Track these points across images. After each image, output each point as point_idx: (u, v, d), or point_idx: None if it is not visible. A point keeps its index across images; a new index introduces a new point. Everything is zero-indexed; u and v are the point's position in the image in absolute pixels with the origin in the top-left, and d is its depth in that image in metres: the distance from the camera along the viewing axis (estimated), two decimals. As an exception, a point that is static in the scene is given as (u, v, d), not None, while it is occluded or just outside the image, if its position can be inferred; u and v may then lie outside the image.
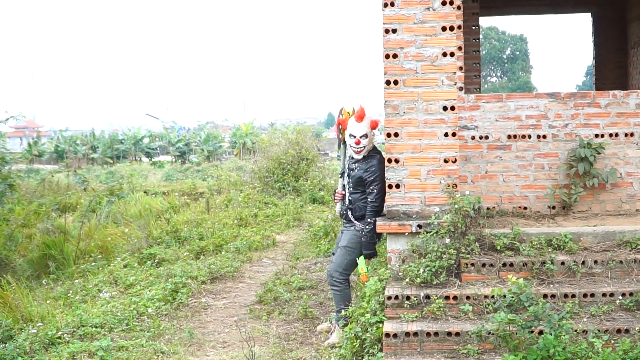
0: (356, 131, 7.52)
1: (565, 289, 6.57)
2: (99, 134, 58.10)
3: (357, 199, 7.60)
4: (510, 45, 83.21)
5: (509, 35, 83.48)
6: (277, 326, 8.19)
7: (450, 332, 6.18)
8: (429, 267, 6.68)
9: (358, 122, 7.57)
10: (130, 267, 11.22)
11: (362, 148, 7.54)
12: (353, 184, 7.62)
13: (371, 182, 7.46)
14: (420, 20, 7.10)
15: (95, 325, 7.98)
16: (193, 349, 7.53)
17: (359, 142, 7.50)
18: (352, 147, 7.53)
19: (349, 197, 7.67)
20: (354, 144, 7.50)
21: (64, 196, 15.77)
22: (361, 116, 7.60)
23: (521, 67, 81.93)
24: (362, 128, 7.54)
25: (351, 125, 7.58)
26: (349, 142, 7.58)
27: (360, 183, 7.54)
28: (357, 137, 7.50)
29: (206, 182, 25.42)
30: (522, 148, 8.29)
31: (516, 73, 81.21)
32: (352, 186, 7.64)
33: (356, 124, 7.56)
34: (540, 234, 7.09)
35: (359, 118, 7.57)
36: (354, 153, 7.57)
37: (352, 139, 7.53)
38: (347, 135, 7.62)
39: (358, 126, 7.55)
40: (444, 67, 7.09)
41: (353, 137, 7.52)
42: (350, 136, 7.54)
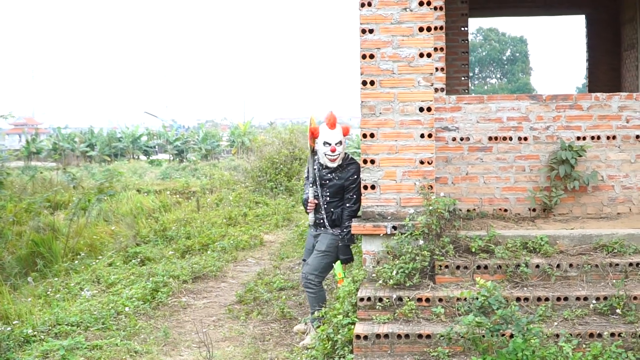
0: (331, 138, 7.51)
1: (538, 292, 6.53)
2: (97, 132, 58.11)
3: (336, 206, 7.60)
4: (511, 46, 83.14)
5: (509, 36, 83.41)
6: (254, 326, 8.16)
7: (421, 334, 6.15)
8: (402, 268, 6.64)
9: (332, 130, 7.55)
10: (115, 266, 11.19)
11: (337, 156, 7.53)
12: (331, 193, 7.59)
13: (351, 190, 7.47)
14: (398, 20, 7.07)
15: (72, 324, 7.96)
16: (167, 348, 7.50)
17: (334, 149, 7.49)
18: (328, 155, 7.48)
19: (325, 205, 7.62)
20: (330, 152, 7.48)
21: (51, 193, 15.74)
22: (334, 123, 7.58)
23: (521, 69, 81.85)
24: (336, 135, 7.53)
25: (325, 133, 7.54)
26: (323, 150, 7.52)
27: (339, 192, 7.53)
28: (332, 144, 7.49)
29: (200, 181, 25.38)
30: (503, 150, 8.26)
31: (516, 75, 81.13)
32: (329, 195, 7.60)
33: (330, 132, 7.55)
34: (516, 236, 7.06)
35: (332, 125, 7.55)
36: (328, 161, 7.53)
37: (326, 147, 7.50)
38: (320, 144, 7.55)
39: (332, 133, 7.54)
40: (420, 68, 7.06)
41: (328, 145, 7.50)
42: (325, 144, 7.51)
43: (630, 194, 8.20)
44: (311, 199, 7.71)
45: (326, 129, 7.56)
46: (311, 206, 7.72)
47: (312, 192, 7.72)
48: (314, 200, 7.70)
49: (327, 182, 7.60)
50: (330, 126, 7.56)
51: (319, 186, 7.66)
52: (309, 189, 7.74)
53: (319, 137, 7.57)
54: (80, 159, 50.98)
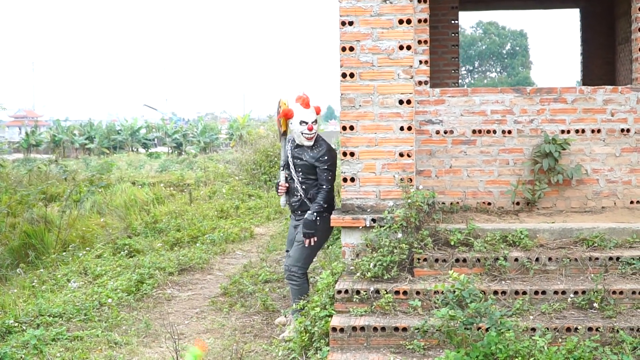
0: (307, 117, 7.52)
1: (516, 285, 6.53)
2: (96, 124, 58.13)
3: (311, 185, 7.55)
4: (510, 40, 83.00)
5: (509, 30, 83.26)
6: (236, 319, 8.15)
7: (398, 327, 6.15)
8: (380, 261, 6.64)
9: (307, 109, 7.57)
10: (103, 258, 11.20)
11: (314, 134, 7.55)
12: (304, 172, 7.56)
13: (324, 170, 7.44)
14: (377, 12, 7.06)
15: (54, 315, 7.97)
16: (148, 340, 7.50)
17: (311, 128, 7.51)
18: (305, 134, 7.48)
19: (302, 186, 7.60)
20: (307, 130, 7.49)
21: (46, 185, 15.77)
22: (308, 102, 7.60)
23: (521, 63, 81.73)
24: (312, 114, 7.56)
25: (301, 113, 7.56)
26: (299, 129, 7.52)
27: (312, 171, 7.50)
28: (309, 123, 7.50)
29: (195, 173, 25.38)
30: (486, 143, 8.24)
31: (516, 68, 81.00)
32: (302, 175, 7.58)
33: (306, 111, 7.56)
34: (496, 229, 7.05)
35: (307, 104, 7.58)
36: (305, 140, 7.53)
37: (303, 126, 7.50)
38: (296, 123, 7.56)
39: (308, 112, 7.56)
40: (400, 60, 7.06)
41: (305, 124, 7.50)
42: (302, 123, 7.51)
43: (615, 188, 8.18)
44: (282, 183, 7.74)
45: (301, 109, 7.58)
46: (282, 189, 7.75)
47: (283, 176, 7.76)
48: (284, 184, 7.72)
49: (298, 161, 7.60)
50: (305, 106, 7.59)
51: (292, 168, 7.66)
52: (281, 173, 7.79)
53: (294, 117, 7.59)
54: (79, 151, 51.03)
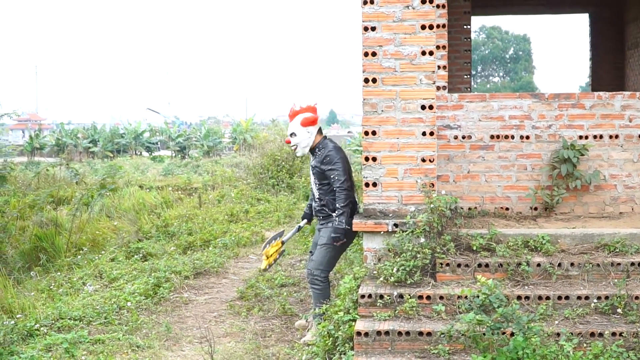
0: (288, 130, 7.64)
1: (540, 290, 6.54)
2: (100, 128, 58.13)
3: (326, 192, 7.56)
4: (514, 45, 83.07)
5: (512, 35, 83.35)
6: (255, 322, 8.18)
7: (422, 331, 6.16)
8: (403, 266, 6.66)
9: (290, 121, 7.67)
10: (117, 261, 11.22)
11: (295, 146, 7.64)
12: (317, 178, 7.62)
13: (330, 171, 7.45)
14: (400, 18, 7.08)
15: (74, 318, 8.00)
16: (169, 343, 7.53)
17: (288, 141, 7.64)
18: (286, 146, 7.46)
19: (318, 192, 7.64)
20: (286, 143, 7.61)
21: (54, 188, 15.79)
22: (290, 115, 7.69)
23: (524, 67, 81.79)
24: (291, 126, 7.65)
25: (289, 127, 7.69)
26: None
27: (323, 176, 7.53)
28: (287, 135, 7.64)
29: (202, 177, 25.40)
30: (504, 148, 8.27)
31: (519, 73, 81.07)
32: (317, 181, 7.63)
33: (289, 123, 7.68)
34: (517, 235, 7.07)
35: (290, 117, 7.66)
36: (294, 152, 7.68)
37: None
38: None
39: (289, 125, 7.68)
40: (422, 65, 7.08)
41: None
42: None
43: (633, 194, 8.20)
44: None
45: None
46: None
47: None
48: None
49: (312, 169, 7.67)
50: (289, 118, 7.69)
51: (311, 175, 7.75)
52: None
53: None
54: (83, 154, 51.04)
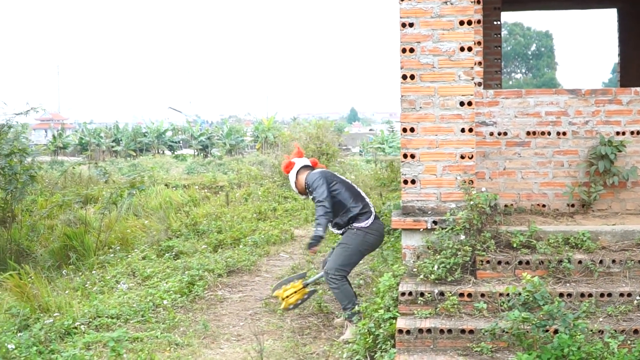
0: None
1: (582, 288, 6.48)
2: (122, 127, 58.39)
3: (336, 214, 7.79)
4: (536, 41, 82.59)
5: (534, 31, 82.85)
6: (291, 320, 8.17)
7: (464, 329, 6.13)
8: (443, 263, 6.63)
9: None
10: (149, 259, 11.24)
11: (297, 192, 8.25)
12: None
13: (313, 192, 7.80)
14: (438, 14, 7.05)
15: (111, 316, 8.01)
16: (207, 341, 7.53)
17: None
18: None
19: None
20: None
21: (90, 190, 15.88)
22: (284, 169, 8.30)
23: (546, 64, 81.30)
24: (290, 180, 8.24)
25: None
26: None
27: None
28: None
29: (227, 175, 25.44)
30: (541, 145, 8.22)
31: (541, 69, 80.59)
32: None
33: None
34: (557, 232, 7.01)
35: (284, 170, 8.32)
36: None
37: None
38: None
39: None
40: (461, 61, 7.04)
41: None
42: None
43: (670, 190, 8.13)
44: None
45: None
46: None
47: None
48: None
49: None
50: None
51: None
52: None
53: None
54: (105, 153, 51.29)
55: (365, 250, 7.81)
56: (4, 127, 12.80)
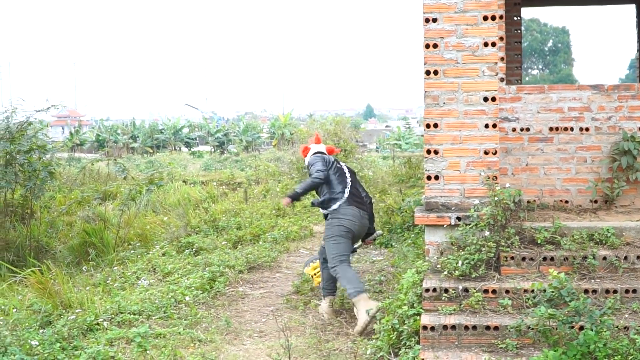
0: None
1: (606, 284, 6.44)
2: (139, 124, 58.53)
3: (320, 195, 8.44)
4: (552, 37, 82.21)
5: (551, 27, 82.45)
6: (313, 316, 8.17)
7: (489, 325, 6.10)
8: (467, 259, 6.60)
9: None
10: (169, 256, 11.26)
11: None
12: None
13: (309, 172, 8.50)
14: (461, 9, 7.01)
15: (134, 312, 8.01)
16: (230, 337, 7.53)
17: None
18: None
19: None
20: None
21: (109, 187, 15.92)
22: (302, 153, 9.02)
23: (563, 60, 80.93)
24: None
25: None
26: None
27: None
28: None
29: (244, 172, 25.46)
30: (564, 141, 8.18)
31: (558, 65, 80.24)
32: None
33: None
34: (581, 228, 6.97)
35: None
36: None
37: None
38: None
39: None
40: (485, 57, 7.00)
41: None
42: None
43: (694, 186, 8.07)
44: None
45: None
46: None
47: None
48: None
49: None
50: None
51: None
52: None
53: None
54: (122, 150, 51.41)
55: (346, 234, 8.11)
56: (23, 124, 12.81)
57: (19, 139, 12.47)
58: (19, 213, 13.34)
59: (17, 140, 12.42)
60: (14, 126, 12.70)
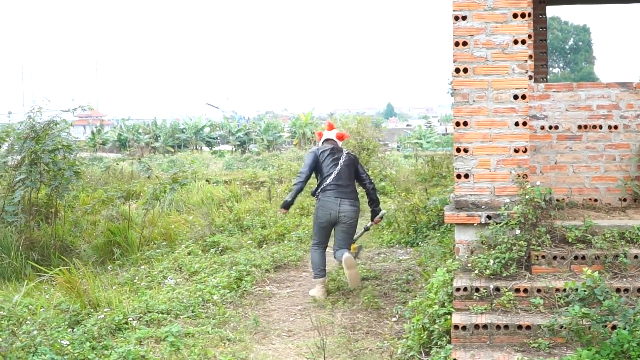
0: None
1: (638, 283, 6.37)
2: (160, 123, 58.73)
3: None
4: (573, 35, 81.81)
5: (572, 25, 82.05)
6: (341, 316, 8.15)
7: (521, 325, 6.06)
8: (498, 258, 6.56)
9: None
10: (194, 255, 11.28)
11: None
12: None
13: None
14: (491, 7, 6.97)
15: (162, 312, 8.01)
16: (258, 337, 7.53)
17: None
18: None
19: None
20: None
21: (132, 185, 15.96)
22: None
23: (584, 58, 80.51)
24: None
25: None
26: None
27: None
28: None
29: (267, 171, 25.46)
30: (592, 139, 8.12)
31: (579, 64, 79.81)
32: None
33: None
34: (612, 226, 6.91)
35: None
36: None
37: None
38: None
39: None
40: (515, 54, 6.96)
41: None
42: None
43: None
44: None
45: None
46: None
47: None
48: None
49: None
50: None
51: None
52: None
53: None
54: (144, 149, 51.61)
55: (320, 223, 9.17)
56: (49, 124, 12.85)
57: (44, 138, 12.51)
58: (43, 212, 13.38)
59: (42, 139, 12.47)
60: (39, 125, 12.73)
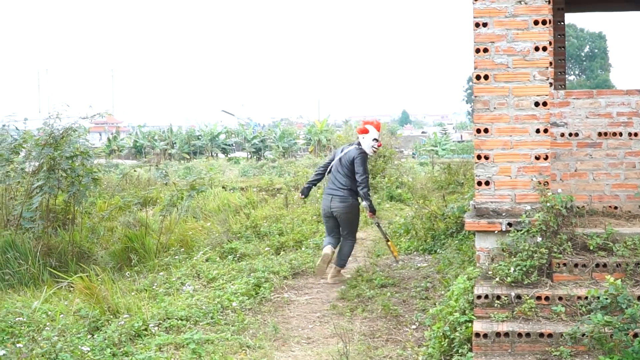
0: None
1: (661, 291, 6.34)
2: (176, 130, 58.89)
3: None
4: (589, 42, 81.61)
5: (587, 32, 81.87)
6: (360, 323, 8.13)
7: (543, 333, 6.03)
8: (519, 266, 6.54)
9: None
10: (212, 261, 11.29)
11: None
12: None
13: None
14: (512, 13, 6.96)
15: (181, 318, 8.02)
16: (278, 344, 7.52)
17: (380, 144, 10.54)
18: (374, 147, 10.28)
19: None
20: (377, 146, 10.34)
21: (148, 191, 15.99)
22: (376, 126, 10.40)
23: (600, 65, 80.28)
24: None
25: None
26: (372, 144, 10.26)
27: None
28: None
29: (283, 178, 25.48)
30: (613, 146, 8.09)
31: (595, 71, 79.59)
32: None
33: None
34: (634, 234, 6.87)
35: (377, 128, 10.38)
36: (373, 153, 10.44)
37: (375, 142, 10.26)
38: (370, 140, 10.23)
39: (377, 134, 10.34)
40: (536, 61, 6.95)
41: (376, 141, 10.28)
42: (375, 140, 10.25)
43: None
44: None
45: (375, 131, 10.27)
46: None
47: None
48: None
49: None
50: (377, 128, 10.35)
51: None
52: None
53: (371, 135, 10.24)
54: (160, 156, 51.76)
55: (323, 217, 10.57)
56: (68, 130, 12.90)
57: (62, 144, 12.56)
58: (61, 219, 13.42)
59: (60, 146, 12.52)
60: (58, 132, 12.78)
